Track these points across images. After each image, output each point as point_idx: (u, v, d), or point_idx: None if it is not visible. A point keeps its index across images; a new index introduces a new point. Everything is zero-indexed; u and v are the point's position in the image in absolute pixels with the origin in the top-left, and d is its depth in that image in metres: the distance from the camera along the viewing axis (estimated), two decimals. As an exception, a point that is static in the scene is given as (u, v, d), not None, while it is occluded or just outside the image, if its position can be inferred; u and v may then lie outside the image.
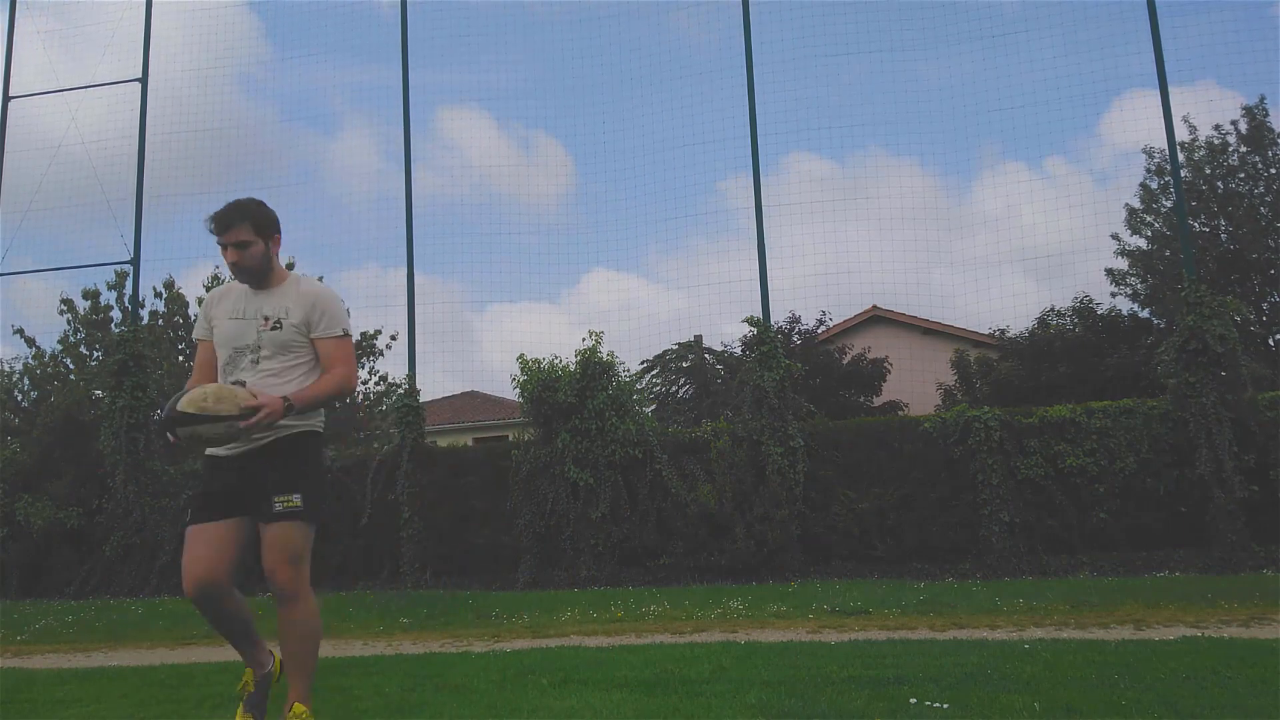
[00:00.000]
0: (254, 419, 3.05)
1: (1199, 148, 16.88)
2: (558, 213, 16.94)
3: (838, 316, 17.14)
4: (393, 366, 23.74)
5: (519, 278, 18.04)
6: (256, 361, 3.29)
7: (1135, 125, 12.19)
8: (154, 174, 13.40)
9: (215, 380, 3.35)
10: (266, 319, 3.32)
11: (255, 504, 3.19)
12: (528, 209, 17.16)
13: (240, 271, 3.33)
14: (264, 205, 3.37)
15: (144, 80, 13.63)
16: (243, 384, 3.22)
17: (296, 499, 3.17)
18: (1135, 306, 16.70)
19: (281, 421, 3.18)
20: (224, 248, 3.27)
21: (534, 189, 17.15)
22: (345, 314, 3.44)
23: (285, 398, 3.17)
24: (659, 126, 16.72)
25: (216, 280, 20.18)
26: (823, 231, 12.38)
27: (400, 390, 12.38)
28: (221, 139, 15.90)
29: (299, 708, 3.12)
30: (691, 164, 15.83)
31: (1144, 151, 16.58)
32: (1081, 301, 15.04)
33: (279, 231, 3.39)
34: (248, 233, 3.28)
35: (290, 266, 18.08)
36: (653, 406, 16.85)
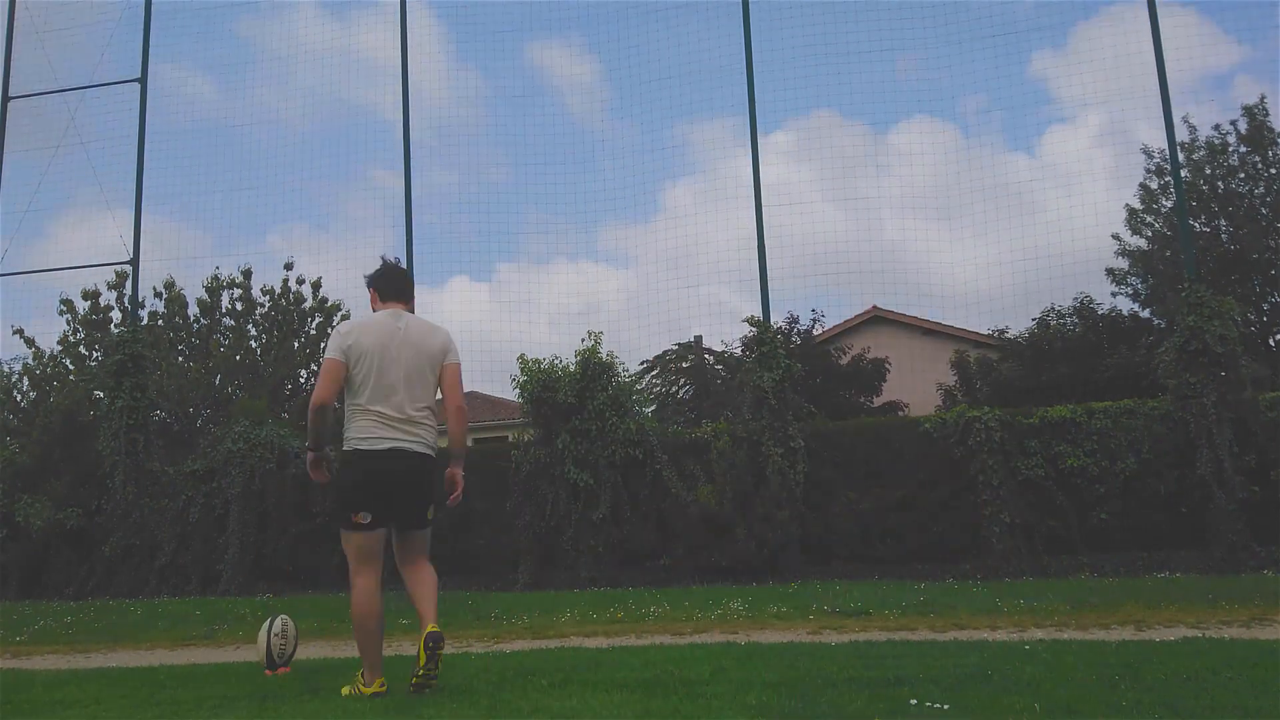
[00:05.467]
0: None
1: (1199, 148, 16.87)
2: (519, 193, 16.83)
3: (830, 311, 17.09)
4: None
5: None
6: None
7: (1132, 123, 12.16)
8: (154, 173, 13.42)
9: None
10: None
11: None
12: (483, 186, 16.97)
13: None
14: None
15: (144, 80, 13.63)
16: None
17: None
18: (1135, 306, 16.68)
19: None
20: None
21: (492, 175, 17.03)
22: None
23: None
24: (645, 120, 16.66)
25: (216, 281, 20.16)
26: (813, 228, 12.31)
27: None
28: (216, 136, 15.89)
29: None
30: (684, 160, 15.72)
31: (1144, 151, 16.59)
32: (1081, 301, 15.02)
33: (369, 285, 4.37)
34: None
35: (289, 267, 17.87)
36: (653, 407, 16.83)
